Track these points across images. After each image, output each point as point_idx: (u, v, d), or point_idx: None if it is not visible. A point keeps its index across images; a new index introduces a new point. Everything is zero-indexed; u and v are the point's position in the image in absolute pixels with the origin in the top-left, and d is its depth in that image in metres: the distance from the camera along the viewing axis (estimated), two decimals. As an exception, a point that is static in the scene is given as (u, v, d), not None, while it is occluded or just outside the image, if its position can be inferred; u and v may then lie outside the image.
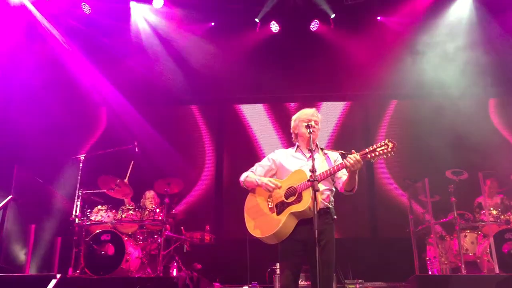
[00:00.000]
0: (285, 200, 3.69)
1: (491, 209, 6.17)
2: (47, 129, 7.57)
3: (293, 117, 4.05)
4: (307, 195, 3.54)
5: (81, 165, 6.30)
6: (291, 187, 3.70)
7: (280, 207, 3.71)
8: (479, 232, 6.33)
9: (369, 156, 3.50)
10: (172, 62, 8.49)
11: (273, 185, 3.74)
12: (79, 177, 6.21)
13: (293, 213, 3.62)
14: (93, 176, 6.52)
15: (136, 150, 6.55)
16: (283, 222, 3.62)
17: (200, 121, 9.02)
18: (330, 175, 3.66)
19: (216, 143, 8.86)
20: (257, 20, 8.26)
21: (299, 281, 4.17)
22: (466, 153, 7.47)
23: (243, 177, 3.95)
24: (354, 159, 3.49)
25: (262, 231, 3.72)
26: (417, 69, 8.03)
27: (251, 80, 8.50)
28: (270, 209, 3.75)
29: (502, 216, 6.08)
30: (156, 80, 8.47)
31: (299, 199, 3.62)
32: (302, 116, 3.96)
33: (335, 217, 3.75)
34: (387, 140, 3.47)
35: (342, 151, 3.80)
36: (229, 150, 8.81)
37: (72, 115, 8.15)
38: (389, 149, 3.45)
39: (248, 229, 3.80)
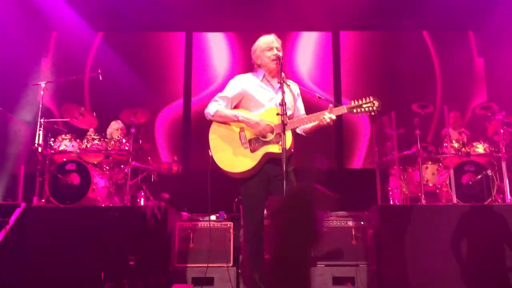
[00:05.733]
0: (261, 138, 3.61)
1: (453, 141, 6.34)
2: (3, 53, 7.18)
3: (252, 48, 3.87)
4: (287, 136, 3.49)
5: (42, 92, 6.03)
6: (268, 124, 3.62)
7: (254, 144, 3.62)
8: (440, 164, 6.53)
9: (354, 110, 3.57)
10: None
11: (260, 122, 3.60)
12: (40, 105, 5.98)
13: (268, 153, 3.57)
14: (55, 104, 6.32)
15: (100, 78, 6.29)
16: (258, 161, 3.57)
17: (166, 49, 8.74)
18: (306, 124, 3.66)
19: (184, 72, 8.64)
20: None
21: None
22: (432, 87, 7.59)
23: (212, 110, 3.75)
24: (330, 119, 3.52)
25: (232, 165, 3.63)
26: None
27: (218, 8, 8.20)
28: (243, 143, 3.65)
29: (463, 148, 6.26)
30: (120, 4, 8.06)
31: (277, 139, 3.54)
32: (261, 44, 3.81)
33: (293, 150, 3.74)
34: (372, 98, 3.55)
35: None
36: (196, 79, 8.63)
37: (32, 40, 7.74)
38: (375, 108, 3.54)
39: (215, 160, 3.70)
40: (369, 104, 3.54)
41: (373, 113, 3.55)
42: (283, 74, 3.72)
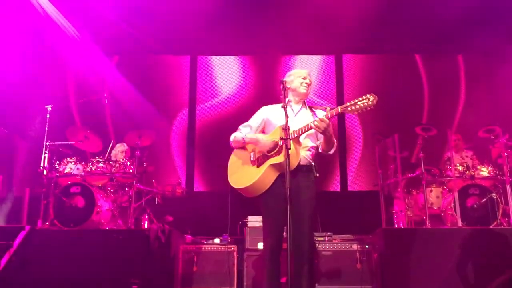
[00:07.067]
0: (266, 153, 3.72)
1: (457, 164, 6.33)
2: (12, 78, 7.28)
3: (289, 73, 4.09)
4: (292, 153, 3.53)
5: (48, 115, 6.10)
6: (274, 141, 3.73)
7: (261, 160, 3.74)
8: (445, 187, 6.51)
9: (349, 109, 3.50)
10: (143, 9, 8.19)
11: (260, 138, 3.79)
12: (46, 128, 6.04)
13: (272, 165, 3.65)
14: (61, 127, 6.38)
15: (106, 102, 6.37)
16: (262, 174, 3.65)
17: (171, 71, 8.85)
18: (302, 134, 3.70)
19: (189, 94, 8.71)
20: None
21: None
22: (436, 110, 7.62)
23: (231, 138, 4.00)
24: (318, 122, 3.55)
25: (241, 182, 3.76)
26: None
27: (223, 31, 8.32)
28: (252, 161, 3.80)
29: (467, 172, 6.25)
30: (126, 28, 8.19)
31: (279, 151, 3.63)
32: (296, 72, 4.05)
33: (317, 174, 3.78)
34: (368, 94, 3.48)
35: (329, 108, 3.82)
36: (201, 101, 8.69)
37: (39, 64, 7.85)
38: (370, 103, 3.45)
39: (230, 182, 3.84)
40: (364, 101, 3.46)
41: (369, 108, 3.44)
42: (305, 100, 4.02)
